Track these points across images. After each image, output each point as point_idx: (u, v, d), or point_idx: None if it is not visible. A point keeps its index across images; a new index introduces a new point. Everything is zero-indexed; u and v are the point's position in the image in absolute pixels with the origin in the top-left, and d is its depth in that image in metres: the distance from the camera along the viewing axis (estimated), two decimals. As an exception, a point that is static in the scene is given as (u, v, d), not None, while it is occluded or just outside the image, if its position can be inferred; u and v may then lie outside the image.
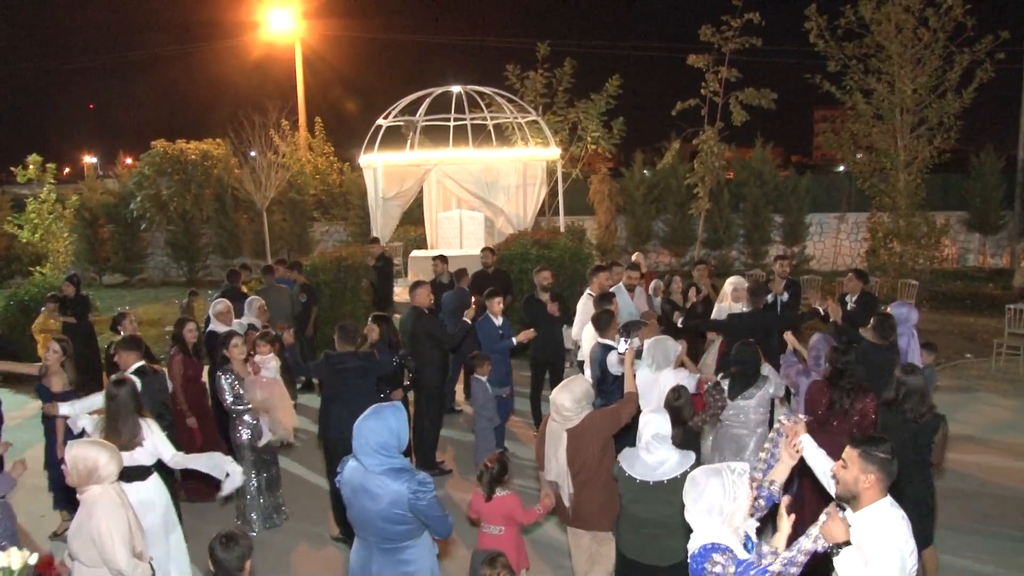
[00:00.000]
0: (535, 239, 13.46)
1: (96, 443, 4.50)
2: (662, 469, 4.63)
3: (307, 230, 23.92)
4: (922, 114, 15.73)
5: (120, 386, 5.45)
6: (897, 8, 15.11)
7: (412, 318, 8.58)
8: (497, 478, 5.26)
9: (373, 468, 4.25)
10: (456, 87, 16.65)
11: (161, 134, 23.19)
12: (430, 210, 18.01)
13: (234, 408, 7.10)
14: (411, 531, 4.32)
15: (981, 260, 22.19)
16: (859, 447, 3.66)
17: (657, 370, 6.50)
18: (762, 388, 6.25)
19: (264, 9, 29.09)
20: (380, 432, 4.26)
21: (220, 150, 22.87)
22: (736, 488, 3.47)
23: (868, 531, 3.55)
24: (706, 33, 17.61)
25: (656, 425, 4.72)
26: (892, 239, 16.46)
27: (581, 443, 5.20)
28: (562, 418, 5.22)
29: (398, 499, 4.20)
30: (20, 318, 12.87)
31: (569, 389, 5.26)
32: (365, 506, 4.28)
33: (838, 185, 23.95)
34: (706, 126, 18.50)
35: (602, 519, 5.24)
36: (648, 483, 4.63)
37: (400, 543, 4.33)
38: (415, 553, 4.37)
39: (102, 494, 4.31)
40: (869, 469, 3.58)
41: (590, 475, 5.19)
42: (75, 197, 20.36)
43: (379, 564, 4.36)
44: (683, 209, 21.31)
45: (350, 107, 37.62)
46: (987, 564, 6.50)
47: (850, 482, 3.64)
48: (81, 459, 4.30)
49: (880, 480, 3.59)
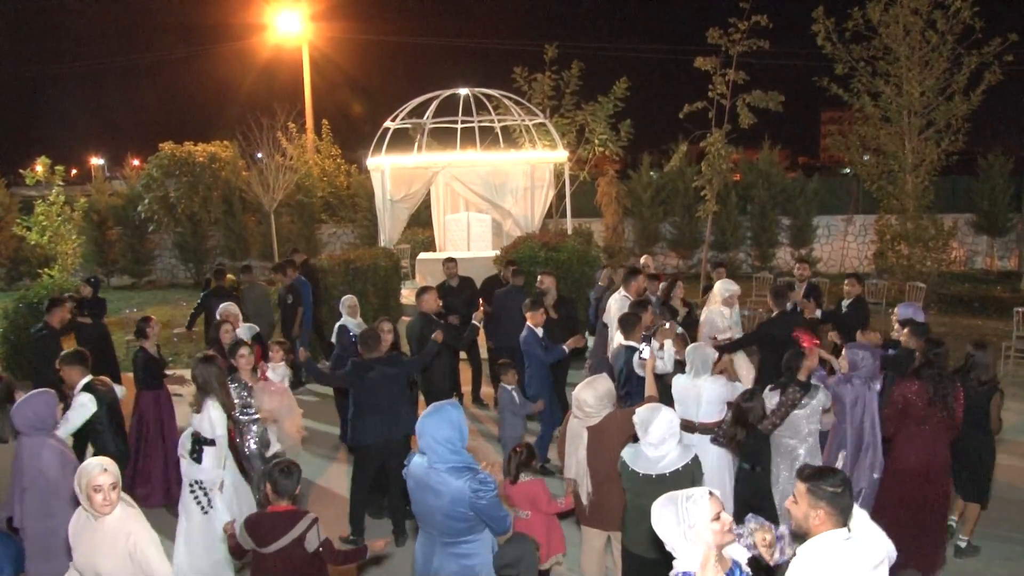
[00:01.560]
0: (543, 242, 13.47)
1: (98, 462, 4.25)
2: (663, 463, 4.75)
3: (315, 232, 23.98)
4: (930, 116, 15.70)
5: None
6: (905, 10, 15.10)
7: (420, 323, 8.60)
8: (525, 463, 5.47)
9: (436, 465, 4.34)
10: (463, 89, 16.68)
11: (169, 136, 23.27)
12: (438, 212, 18.05)
13: (240, 418, 6.98)
14: (471, 527, 4.39)
15: (989, 263, 22.14)
16: (807, 482, 3.55)
17: (696, 376, 6.52)
18: (815, 398, 6.13)
19: (272, 12, 29.22)
20: (442, 427, 4.35)
21: (228, 152, 22.91)
22: (689, 514, 3.33)
23: (807, 559, 3.48)
24: (713, 36, 17.57)
25: (670, 423, 4.82)
26: (900, 241, 16.43)
27: (601, 442, 5.26)
28: (583, 414, 5.30)
29: (459, 496, 4.28)
30: (29, 320, 12.88)
31: (592, 387, 5.35)
32: (428, 501, 4.39)
33: (845, 187, 23.92)
34: (713, 128, 18.48)
35: (619, 519, 5.27)
36: (651, 476, 4.74)
37: (460, 538, 4.42)
38: (475, 548, 4.45)
39: (128, 510, 4.28)
40: (818, 505, 3.49)
41: (609, 474, 5.21)
42: (83, 199, 20.41)
43: (440, 558, 4.46)
44: (690, 211, 21.30)
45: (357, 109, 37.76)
46: (998, 569, 6.49)
47: (800, 518, 3.55)
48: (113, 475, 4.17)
49: (831, 514, 3.48)
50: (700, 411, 6.44)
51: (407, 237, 19.22)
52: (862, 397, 6.43)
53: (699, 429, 6.40)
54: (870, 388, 6.48)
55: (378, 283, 13.95)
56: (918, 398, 6.17)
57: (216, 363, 6.42)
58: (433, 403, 4.55)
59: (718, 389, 6.47)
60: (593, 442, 5.27)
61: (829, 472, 3.59)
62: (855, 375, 6.49)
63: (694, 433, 6.34)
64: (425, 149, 16.54)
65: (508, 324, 9.60)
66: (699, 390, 6.45)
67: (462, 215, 17.58)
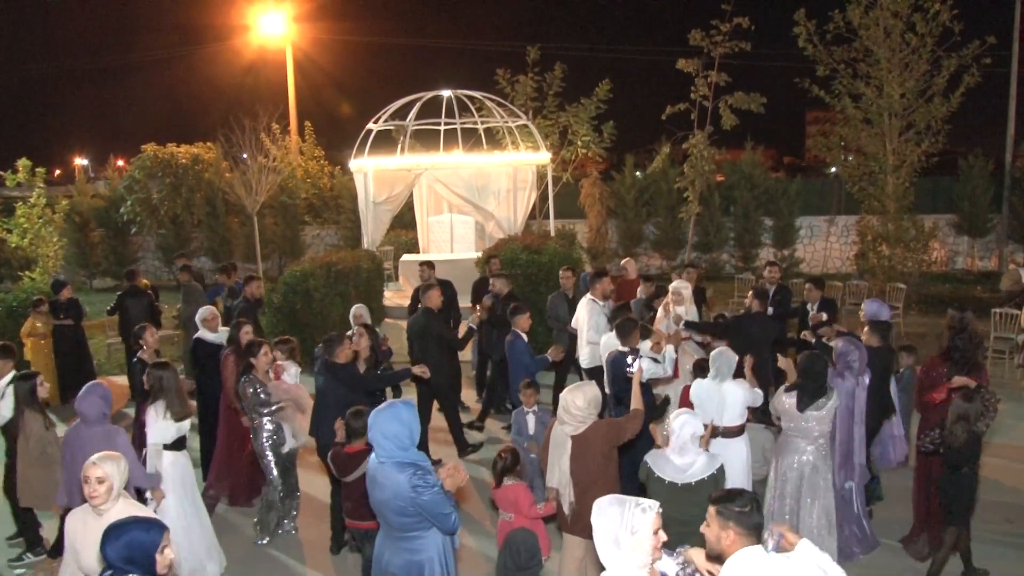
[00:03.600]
0: (525, 244, 13.49)
1: (109, 455, 4.47)
2: (691, 471, 4.90)
3: (298, 234, 23.92)
4: (910, 118, 15.78)
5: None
6: (885, 13, 15.17)
7: (423, 319, 8.69)
8: (508, 468, 5.59)
9: (383, 459, 4.41)
10: (446, 91, 16.69)
11: (152, 137, 23.19)
12: (421, 214, 18.05)
13: (258, 415, 6.94)
14: (418, 523, 4.42)
15: (970, 263, 22.29)
16: (715, 504, 3.58)
17: (720, 381, 6.52)
18: (831, 399, 6.11)
19: (255, 13, 29.11)
20: (392, 423, 4.40)
21: (211, 154, 22.83)
22: (635, 520, 3.34)
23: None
24: (695, 37, 17.68)
25: (693, 426, 4.99)
26: (881, 242, 16.51)
27: (585, 451, 5.25)
28: (571, 417, 5.25)
29: (400, 491, 4.32)
30: (8, 323, 12.79)
31: (582, 391, 5.34)
32: (375, 495, 4.47)
33: (828, 188, 24.05)
34: (696, 130, 18.56)
35: None
36: (677, 484, 4.88)
37: (408, 532, 4.45)
38: (423, 544, 4.47)
39: (126, 507, 4.33)
40: (727, 525, 3.51)
41: (592, 483, 5.22)
42: (65, 201, 20.30)
43: (390, 552, 4.53)
44: (673, 212, 21.35)
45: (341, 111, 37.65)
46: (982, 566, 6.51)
47: (712, 540, 3.58)
48: (114, 471, 4.36)
49: (740, 534, 3.50)
50: (725, 415, 6.43)
51: (390, 239, 19.22)
52: (853, 391, 6.54)
53: (722, 433, 6.39)
54: (859, 383, 6.58)
55: (360, 285, 13.92)
56: (944, 378, 6.57)
57: (170, 368, 6.49)
58: (389, 400, 4.65)
59: (741, 393, 6.47)
60: (577, 452, 5.24)
61: (737, 494, 3.64)
62: (847, 371, 6.56)
63: (715, 437, 6.31)
64: (408, 151, 16.54)
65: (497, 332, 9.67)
66: (723, 395, 6.44)
67: (445, 217, 17.60)
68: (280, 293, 13.09)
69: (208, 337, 8.31)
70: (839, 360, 6.62)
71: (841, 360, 6.61)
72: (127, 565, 3.42)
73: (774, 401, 6.43)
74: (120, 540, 3.44)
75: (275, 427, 7.01)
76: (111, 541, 3.44)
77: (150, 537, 3.49)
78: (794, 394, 6.13)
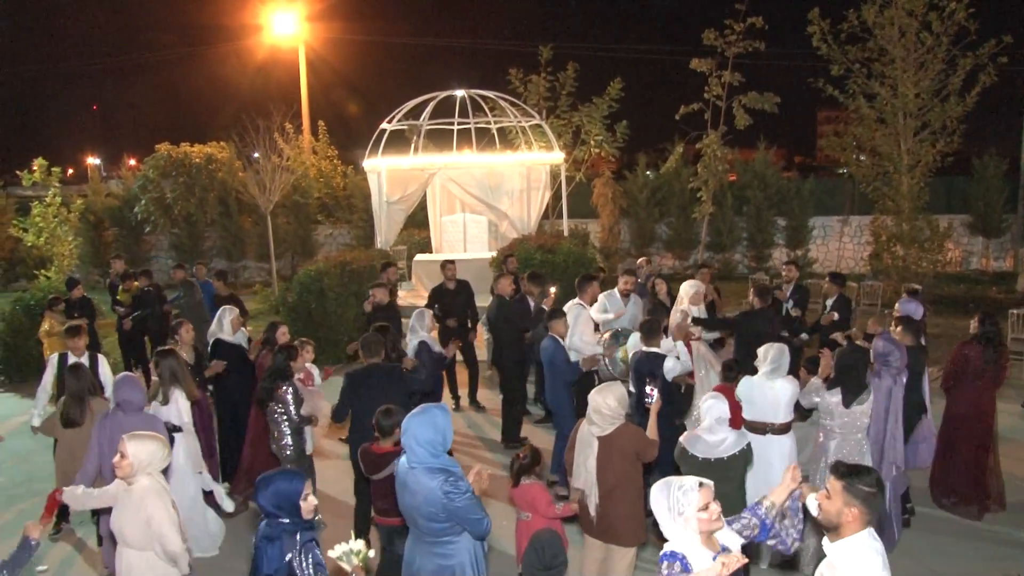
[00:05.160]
0: (539, 243, 13.48)
1: (152, 436, 4.75)
2: (722, 447, 5.31)
3: (311, 233, 24.00)
4: (925, 118, 15.71)
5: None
6: (900, 12, 15.11)
7: (495, 305, 9.58)
8: (526, 468, 5.56)
9: (414, 465, 4.40)
10: (460, 91, 16.68)
11: (165, 137, 23.24)
12: (434, 214, 18.05)
13: (298, 420, 6.89)
14: (449, 528, 4.41)
15: (984, 263, 22.19)
16: (843, 479, 3.54)
17: (773, 377, 6.44)
18: (871, 393, 6.27)
19: (268, 12, 29.19)
20: (426, 429, 4.39)
21: (224, 153, 22.89)
22: (679, 502, 3.55)
23: (842, 563, 3.49)
24: (709, 37, 17.64)
25: (719, 409, 5.37)
26: (895, 243, 16.45)
27: (612, 452, 5.26)
28: (601, 417, 5.26)
29: (431, 497, 4.32)
30: (26, 322, 12.90)
31: (612, 391, 5.34)
32: (405, 500, 4.48)
33: (841, 188, 23.97)
34: (709, 130, 18.53)
35: (625, 532, 5.30)
36: (710, 460, 5.27)
37: (439, 538, 4.45)
38: (454, 549, 4.47)
39: (152, 484, 4.58)
40: (853, 503, 3.48)
41: (616, 486, 5.23)
42: (80, 200, 20.40)
43: (421, 556, 4.53)
44: (686, 212, 21.33)
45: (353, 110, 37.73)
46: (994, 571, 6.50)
47: (833, 514, 3.54)
48: (145, 451, 4.60)
49: (863, 514, 3.49)
50: (779, 413, 6.38)
51: (403, 238, 19.23)
52: (891, 391, 6.54)
53: (772, 430, 6.37)
54: (896, 382, 6.59)
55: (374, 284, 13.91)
56: (977, 358, 7.41)
57: (176, 355, 6.97)
58: (422, 404, 4.58)
59: (792, 390, 6.43)
60: (604, 453, 5.25)
61: (865, 471, 3.59)
62: (885, 369, 6.57)
63: (765, 435, 6.34)
64: (421, 151, 16.54)
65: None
66: (776, 392, 6.37)
67: (458, 216, 17.59)
68: (295, 293, 13.14)
69: (228, 338, 8.29)
70: (878, 360, 6.64)
71: (880, 359, 6.63)
72: (278, 511, 3.94)
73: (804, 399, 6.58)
74: (268, 490, 3.93)
75: (295, 427, 6.95)
76: (261, 491, 3.96)
77: (293, 486, 3.95)
78: (838, 391, 6.23)
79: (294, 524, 3.94)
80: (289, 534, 3.92)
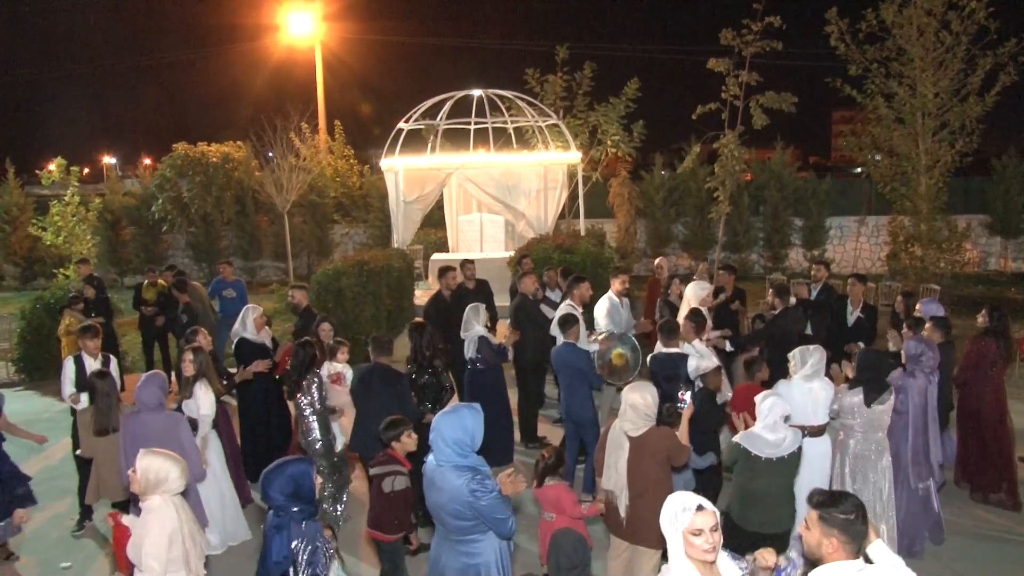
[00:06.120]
0: (556, 243, 13.49)
1: (169, 456, 4.50)
2: (784, 445, 5.31)
3: (327, 232, 24.06)
4: (944, 118, 15.62)
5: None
6: (919, 11, 15.03)
7: (518, 303, 9.62)
8: (550, 468, 5.55)
9: (442, 463, 4.43)
10: (477, 91, 16.71)
11: (182, 136, 23.36)
12: (451, 213, 18.10)
13: (321, 408, 7.02)
14: (476, 527, 4.44)
15: (1003, 264, 22.07)
16: (818, 508, 3.40)
17: (811, 380, 6.42)
18: (892, 393, 6.30)
19: (284, 12, 29.30)
20: (455, 428, 4.41)
21: (241, 153, 22.99)
22: (678, 520, 3.38)
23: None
24: (726, 37, 17.56)
25: (783, 408, 5.40)
26: (913, 243, 16.37)
27: (644, 453, 5.25)
28: (636, 414, 5.24)
29: (457, 495, 4.34)
30: (46, 320, 12.98)
31: (646, 389, 5.34)
32: (432, 498, 4.50)
33: (858, 188, 23.87)
34: (726, 129, 18.46)
35: (653, 534, 5.27)
36: (772, 459, 5.28)
37: (465, 536, 4.48)
38: (480, 547, 4.50)
39: (161, 505, 4.38)
40: (831, 533, 3.35)
41: (646, 489, 5.22)
42: (98, 199, 20.49)
43: (447, 554, 4.56)
44: (703, 212, 21.28)
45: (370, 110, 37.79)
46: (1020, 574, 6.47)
47: (813, 545, 3.40)
48: (153, 470, 4.38)
49: (844, 543, 3.34)
50: (818, 414, 6.37)
51: (420, 238, 19.27)
52: (924, 390, 6.60)
53: (809, 432, 6.31)
54: (931, 381, 6.64)
55: (392, 284, 13.98)
56: (992, 351, 7.59)
57: (206, 352, 7.13)
58: (454, 404, 4.62)
59: (829, 391, 6.43)
60: (635, 454, 5.23)
61: (841, 497, 3.47)
62: (918, 369, 6.63)
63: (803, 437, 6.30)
64: (438, 150, 16.59)
65: None
66: (815, 394, 6.36)
67: (475, 216, 17.63)
68: (312, 292, 13.17)
69: (252, 337, 8.31)
70: (910, 360, 6.68)
71: (912, 360, 6.67)
72: (292, 500, 3.99)
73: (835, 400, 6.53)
74: (283, 476, 3.98)
75: (322, 423, 7.05)
76: (272, 483, 3.97)
77: (304, 467, 4.06)
78: (859, 391, 6.22)
79: (301, 513, 4.03)
80: (296, 523, 4.02)
